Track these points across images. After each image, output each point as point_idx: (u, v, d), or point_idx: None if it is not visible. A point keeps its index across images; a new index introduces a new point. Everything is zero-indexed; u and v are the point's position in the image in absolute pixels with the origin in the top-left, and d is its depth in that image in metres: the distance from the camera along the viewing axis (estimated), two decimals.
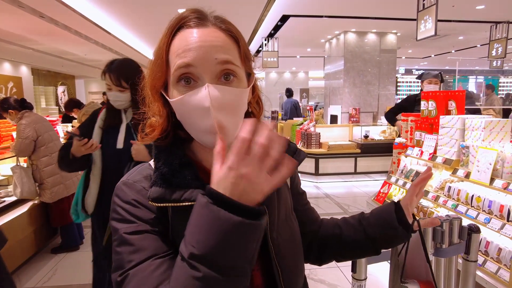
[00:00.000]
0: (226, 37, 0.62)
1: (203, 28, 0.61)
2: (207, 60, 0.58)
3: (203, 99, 0.58)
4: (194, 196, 0.60)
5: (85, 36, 6.77)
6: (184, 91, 0.60)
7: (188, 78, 0.60)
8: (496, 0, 5.73)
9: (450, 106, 2.61)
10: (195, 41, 0.59)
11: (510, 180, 1.77)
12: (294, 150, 0.74)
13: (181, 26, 0.62)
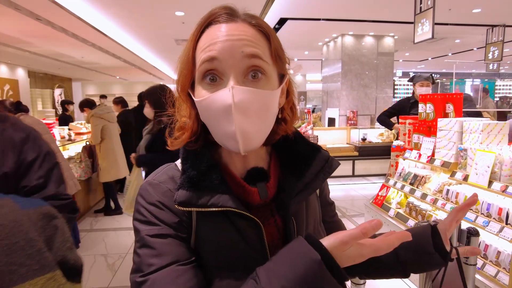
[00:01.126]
0: (255, 32, 0.58)
1: (232, 23, 0.58)
2: (233, 54, 0.55)
3: (226, 102, 0.54)
4: (221, 201, 0.59)
5: (82, 38, 6.75)
6: (209, 89, 0.57)
7: (214, 75, 0.56)
8: (492, 3, 5.76)
9: (448, 108, 2.61)
10: (222, 34, 0.56)
11: (508, 183, 1.77)
12: (326, 158, 0.70)
13: (210, 22, 0.59)
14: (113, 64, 10.46)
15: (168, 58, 10.67)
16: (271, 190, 0.66)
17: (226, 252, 0.61)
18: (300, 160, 0.68)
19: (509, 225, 1.63)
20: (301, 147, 0.70)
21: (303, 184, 0.65)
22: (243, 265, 0.60)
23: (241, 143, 0.56)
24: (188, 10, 5.48)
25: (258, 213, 0.65)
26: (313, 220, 0.71)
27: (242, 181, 0.64)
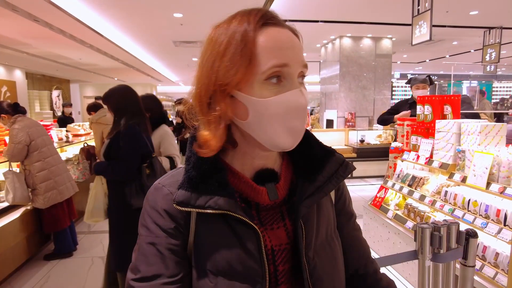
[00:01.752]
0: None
1: (286, 29, 0.61)
2: (298, 62, 0.59)
3: (299, 101, 0.59)
4: (219, 204, 0.59)
5: (80, 40, 6.74)
6: (274, 89, 0.57)
7: (279, 77, 0.58)
8: (489, 6, 5.80)
9: (446, 110, 2.62)
10: (288, 41, 0.59)
11: (506, 184, 1.77)
12: (341, 162, 0.70)
13: (265, 22, 0.59)
14: (111, 66, 10.45)
15: (167, 59, 10.67)
16: (281, 192, 0.66)
17: (222, 257, 0.60)
18: (313, 162, 0.68)
19: (508, 227, 1.63)
20: (314, 150, 0.70)
21: (315, 187, 0.66)
22: (240, 273, 0.60)
23: (293, 142, 0.61)
24: (186, 11, 5.49)
25: (267, 216, 0.65)
26: (325, 226, 0.69)
27: (251, 181, 0.64)
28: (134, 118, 2.25)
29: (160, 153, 2.79)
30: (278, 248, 0.63)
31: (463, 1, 5.53)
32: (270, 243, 0.63)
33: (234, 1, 4.97)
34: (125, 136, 2.18)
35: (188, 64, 11.44)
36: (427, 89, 3.75)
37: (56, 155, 3.40)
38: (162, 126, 2.89)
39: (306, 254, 0.63)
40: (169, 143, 2.84)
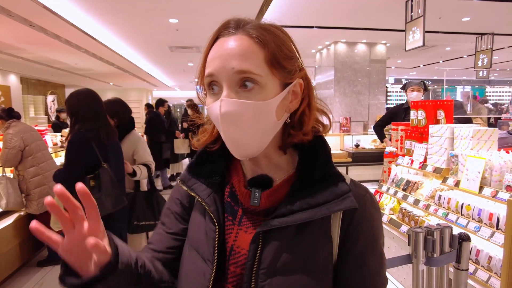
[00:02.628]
0: (251, 44, 0.59)
1: (232, 36, 0.61)
2: (225, 69, 0.58)
3: (216, 113, 0.59)
4: (198, 189, 0.70)
5: (75, 45, 6.73)
6: (211, 98, 0.62)
7: (215, 85, 0.61)
8: (480, 12, 5.89)
9: (439, 115, 2.65)
10: (219, 50, 0.60)
11: (498, 189, 1.79)
12: (340, 194, 0.61)
13: (218, 36, 0.63)
14: (107, 71, 10.43)
15: (162, 65, 10.68)
16: (265, 200, 0.64)
17: (196, 236, 0.70)
18: (308, 184, 0.64)
19: (500, 230, 1.65)
20: (313, 171, 0.65)
21: (292, 210, 0.61)
22: (203, 254, 0.67)
23: (233, 150, 0.61)
24: (182, 17, 5.51)
25: (249, 218, 0.66)
26: (301, 256, 0.61)
27: (243, 181, 0.68)
28: (87, 124, 2.11)
29: (134, 161, 2.69)
30: (237, 250, 0.65)
31: (455, 8, 5.61)
32: (232, 242, 0.66)
33: (229, 7, 5.01)
34: (68, 143, 2.09)
35: (184, 69, 11.45)
36: (422, 93, 3.80)
37: (51, 160, 3.38)
38: (133, 132, 2.76)
39: (257, 271, 0.61)
40: (143, 149, 2.72)
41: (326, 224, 0.63)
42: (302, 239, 0.62)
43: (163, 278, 0.70)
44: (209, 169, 0.71)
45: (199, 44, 7.57)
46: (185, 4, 4.88)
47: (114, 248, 0.58)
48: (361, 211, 0.64)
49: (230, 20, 0.63)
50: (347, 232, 0.64)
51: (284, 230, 0.61)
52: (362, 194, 0.66)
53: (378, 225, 0.68)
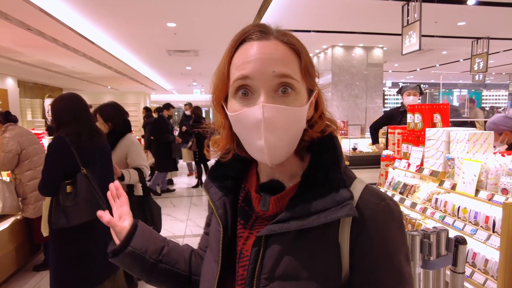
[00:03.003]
0: (287, 50, 0.60)
1: (265, 41, 0.60)
2: (264, 73, 0.58)
3: (256, 118, 0.57)
4: (212, 193, 0.73)
5: (73, 48, 6.74)
6: (241, 103, 0.60)
7: (246, 90, 0.60)
8: (476, 17, 5.95)
9: (436, 119, 2.66)
10: (254, 53, 0.59)
11: (494, 191, 1.80)
12: (340, 201, 0.58)
13: (244, 40, 0.62)
14: (105, 74, 10.43)
15: (160, 68, 10.69)
16: (273, 206, 0.64)
17: (211, 238, 0.75)
18: (309, 189, 0.62)
19: (496, 233, 1.65)
20: (319, 176, 0.62)
21: (291, 216, 0.60)
22: (214, 256, 0.71)
23: (268, 156, 0.59)
24: (180, 21, 5.53)
25: (260, 223, 0.66)
26: (303, 265, 0.59)
27: (255, 186, 0.70)
28: (69, 128, 2.07)
29: (127, 164, 2.68)
30: (245, 253, 0.66)
31: (451, 12, 5.66)
32: (242, 246, 0.67)
33: (227, 12, 5.04)
34: (48, 147, 2.07)
35: (182, 72, 11.47)
36: (418, 97, 3.83)
37: None
38: (128, 136, 2.77)
39: (258, 276, 0.62)
40: (136, 153, 2.71)
41: (333, 230, 0.59)
42: (304, 245, 0.60)
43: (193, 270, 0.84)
44: (223, 173, 0.73)
45: (196, 48, 7.60)
46: (182, 8, 4.90)
47: (130, 231, 0.80)
48: (373, 221, 0.59)
49: (258, 25, 0.63)
50: (356, 243, 0.59)
51: (284, 236, 0.60)
52: (376, 203, 0.60)
53: (395, 237, 0.60)
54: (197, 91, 17.27)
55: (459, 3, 5.17)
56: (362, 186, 0.63)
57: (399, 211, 0.63)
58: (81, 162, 2.07)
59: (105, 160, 2.26)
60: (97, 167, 2.16)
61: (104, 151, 2.27)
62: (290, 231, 0.60)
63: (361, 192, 0.62)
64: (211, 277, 0.69)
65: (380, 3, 5.08)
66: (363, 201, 0.60)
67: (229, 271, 0.68)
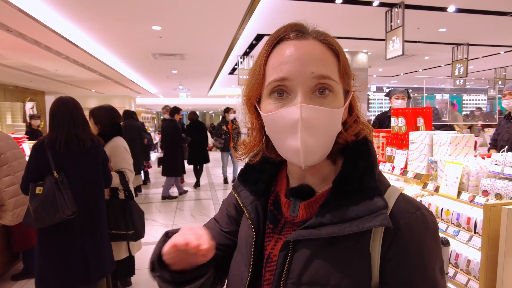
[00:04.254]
0: (325, 50, 0.60)
1: (303, 40, 0.59)
2: (302, 73, 0.56)
3: (294, 119, 0.56)
4: (243, 196, 0.71)
5: (55, 51, 6.59)
6: (276, 104, 0.59)
7: (282, 90, 0.58)
8: (456, 24, 6.12)
9: (419, 122, 2.71)
10: (292, 53, 0.58)
11: (475, 193, 1.84)
12: (373, 210, 0.56)
13: (281, 39, 0.61)
14: (89, 78, 10.25)
15: (146, 72, 10.58)
16: (303, 212, 0.63)
17: (241, 241, 0.72)
18: (342, 195, 0.60)
19: (477, 234, 1.68)
20: (353, 182, 0.60)
21: (322, 223, 0.58)
22: (243, 257, 0.69)
23: (303, 158, 0.58)
24: (165, 24, 5.49)
25: (289, 227, 0.65)
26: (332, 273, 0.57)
27: (284, 190, 0.68)
28: (51, 131, 2.16)
29: (111, 167, 2.70)
30: (273, 258, 0.65)
31: (432, 19, 5.81)
32: (270, 250, 0.66)
33: (213, 15, 5.03)
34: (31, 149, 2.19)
35: (168, 76, 11.38)
36: (406, 100, 3.92)
37: None
38: (115, 139, 2.77)
39: (285, 281, 0.61)
40: (120, 157, 2.72)
41: (364, 238, 0.57)
42: (333, 253, 0.58)
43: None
44: (255, 177, 0.72)
45: (182, 52, 7.55)
46: (168, 11, 4.87)
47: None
48: (408, 230, 0.56)
49: (296, 24, 0.62)
50: (388, 254, 0.56)
51: (314, 242, 0.59)
52: (411, 212, 0.58)
53: (430, 248, 0.58)
54: (183, 95, 17.15)
55: (440, 10, 5.31)
56: (397, 194, 0.61)
57: (435, 221, 0.61)
58: (54, 166, 2.08)
59: (83, 166, 2.23)
60: (72, 172, 2.15)
61: (86, 157, 2.24)
62: (320, 238, 0.58)
63: (396, 201, 0.59)
64: (240, 281, 0.68)
65: (364, 9, 5.17)
66: (397, 210, 0.58)
67: (257, 275, 0.67)
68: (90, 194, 2.25)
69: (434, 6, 5.15)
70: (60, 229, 2.08)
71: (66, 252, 2.13)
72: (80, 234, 2.16)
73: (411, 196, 0.63)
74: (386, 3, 4.98)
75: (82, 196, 2.17)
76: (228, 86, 13.82)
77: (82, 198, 2.16)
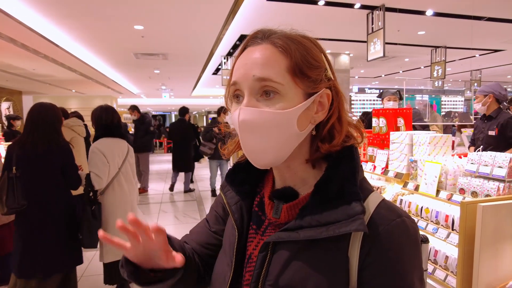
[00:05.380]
0: (274, 53, 0.59)
1: (256, 46, 0.62)
2: (246, 78, 0.59)
3: (236, 121, 0.60)
4: (228, 196, 0.72)
5: (33, 49, 6.40)
6: (234, 106, 0.63)
7: (238, 94, 0.62)
8: (434, 27, 6.30)
9: (399, 122, 2.78)
10: (242, 59, 0.62)
11: (453, 191, 1.90)
12: (351, 215, 0.56)
13: (247, 45, 0.64)
14: (69, 77, 9.99)
15: (128, 72, 10.40)
16: (285, 214, 0.63)
17: (225, 240, 0.73)
18: (322, 200, 0.60)
19: (455, 231, 1.74)
20: (333, 187, 0.60)
21: (297, 225, 0.59)
22: (227, 259, 0.70)
23: (250, 158, 0.62)
24: (147, 24, 5.42)
25: (272, 228, 0.66)
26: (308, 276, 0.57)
27: (268, 192, 0.69)
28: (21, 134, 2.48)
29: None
30: (254, 259, 0.65)
31: (412, 22, 5.96)
32: (251, 251, 0.67)
33: (195, 15, 5.00)
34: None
35: (150, 76, 11.23)
36: (398, 102, 4.01)
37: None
38: (98, 141, 2.75)
39: (263, 282, 0.62)
40: (90, 159, 2.73)
41: (343, 243, 0.57)
42: (312, 256, 0.58)
43: (199, 270, 0.76)
44: (242, 178, 0.73)
45: (165, 51, 7.47)
46: (150, 10, 4.81)
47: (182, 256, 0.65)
48: (387, 237, 0.56)
49: (258, 31, 0.64)
50: (366, 260, 0.56)
51: (293, 245, 0.60)
52: (391, 219, 0.58)
53: (409, 256, 0.57)
54: (166, 95, 16.95)
55: (419, 14, 5.45)
56: (378, 201, 0.61)
57: (416, 229, 0.60)
58: (15, 163, 2.33)
59: (36, 167, 2.40)
60: (26, 171, 2.35)
61: (38, 159, 2.40)
62: (299, 241, 0.59)
63: (377, 207, 0.59)
64: (223, 281, 0.69)
65: (346, 11, 5.25)
66: (378, 216, 0.58)
67: (240, 275, 0.68)
68: (41, 192, 2.40)
69: (413, 9, 5.29)
70: (17, 220, 2.39)
71: (19, 244, 2.39)
72: (30, 230, 2.37)
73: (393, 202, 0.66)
74: (367, 6, 5.08)
75: (33, 193, 2.36)
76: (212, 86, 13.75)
77: (32, 195, 2.35)
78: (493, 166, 1.71)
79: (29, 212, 2.34)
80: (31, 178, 2.36)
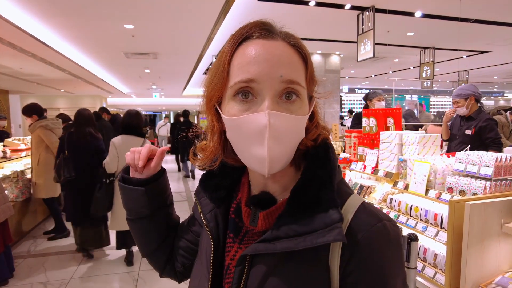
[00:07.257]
0: (294, 54, 0.56)
1: (271, 40, 0.55)
2: (271, 77, 0.53)
3: (260, 126, 0.52)
4: (203, 203, 0.69)
5: (20, 48, 6.28)
6: (241, 107, 0.55)
7: (247, 92, 0.54)
8: (423, 28, 6.39)
9: (389, 122, 2.81)
10: (261, 53, 0.53)
11: (441, 190, 1.93)
12: (328, 223, 0.53)
13: (247, 37, 0.56)
14: (57, 77, 9.84)
15: (118, 71, 10.29)
16: (262, 222, 0.60)
17: (202, 248, 0.71)
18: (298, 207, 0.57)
19: (443, 229, 1.77)
20: (309, 193, 0.57)
21: (274, 236, 0.56)
22: (203, 266, 0.67)
23: (268, 167, 0.54)
24: (138, 23, 5.37)
25: (251, 237, 0.62)
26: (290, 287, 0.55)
27: (245, 199, 0.65)
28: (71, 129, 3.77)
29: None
30: (232, 269, 0.62)
31: (401, 23, 6.03)
32: (229, 261, 0.63)
33: (186, 15, 4.97)
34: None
35: (140, 75, 11.13)
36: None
37: None
38: (115, 137, 3.50)
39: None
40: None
41: (323, 252, 0.55)
42: (291, 267, 0.55)
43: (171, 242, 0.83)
44: (216, 183, 0.68)
45: (156, 51, 7.41)
46: (140, 9, 4.77)
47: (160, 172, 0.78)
48: (367, 244, 0.54)
49: (262, 21, 0.57)
50: (347, 268, 0.54)
51: (271, 257, 0.56)
52: (371, 224, 0.55)
53: (391, 261, 0.55)
54: (156, 95, 16.82)
55: (408, 15, 5.53)
56: (357, 204, 0.58)
57: (398, 233, 0.58)
58: (66, 147, 3.64)
59: (80, 151, 3.69)
60: (74, 153, 3.64)
61: (83, 146, 3.69)
62: (277, 253, 0.55)
63: (356, 212, 0.56)
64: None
65: (337, 12, 5.29)
66: (357, 222, 0.55)
67: (219, 285, 0.64)
68: (83, 167, 3.67)
69: (402, 10, 5.35)
70: (69, 186, 3.73)
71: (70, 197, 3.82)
72: (77, 191, 3.68)
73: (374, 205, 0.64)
74: (357, 7, 5.12)
75: (78, 167, 3.63)
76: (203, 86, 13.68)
77: (77, 169, 3.63)
78: (480, 165, 1.75)
79: (75, 180, 3.59)
80: (76, 158, 3.59)
